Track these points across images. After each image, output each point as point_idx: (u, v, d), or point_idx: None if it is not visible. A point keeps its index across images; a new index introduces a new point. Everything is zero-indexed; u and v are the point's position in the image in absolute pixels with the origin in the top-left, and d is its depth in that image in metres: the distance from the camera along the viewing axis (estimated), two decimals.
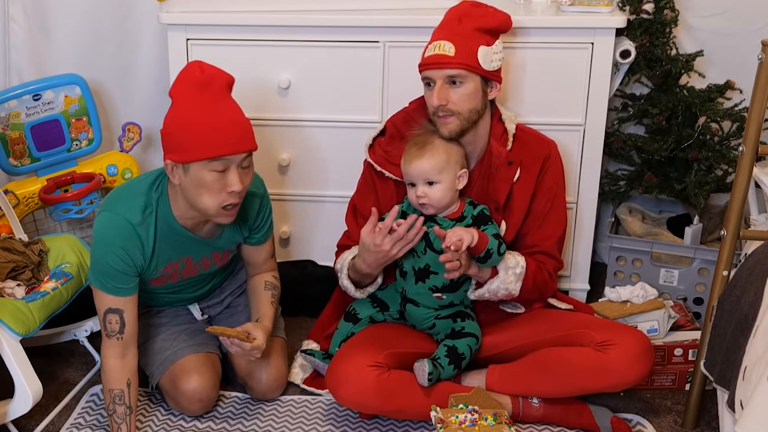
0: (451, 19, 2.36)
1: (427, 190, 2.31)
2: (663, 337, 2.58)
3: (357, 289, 2.48)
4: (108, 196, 2.31)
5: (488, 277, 2.36)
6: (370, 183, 2.48)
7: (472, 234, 2.25)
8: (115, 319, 2.23)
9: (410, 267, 2.39)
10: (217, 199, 2.13)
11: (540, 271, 2.41)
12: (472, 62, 2.28)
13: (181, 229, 2.27)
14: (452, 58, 2.27)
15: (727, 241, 2.23)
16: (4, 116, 2.75)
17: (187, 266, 2.37)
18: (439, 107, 2.30)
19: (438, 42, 2.31)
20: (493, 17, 2.36)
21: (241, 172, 2.14)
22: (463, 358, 2.36)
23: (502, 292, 2.37)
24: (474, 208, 2.37)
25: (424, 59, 2.33)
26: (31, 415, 2.38)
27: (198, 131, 2.07)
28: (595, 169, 2.79)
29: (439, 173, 2.30)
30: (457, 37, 2.29)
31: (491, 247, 2.28)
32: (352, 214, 2.54)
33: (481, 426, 2.19)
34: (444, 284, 2.38)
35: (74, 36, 3.03)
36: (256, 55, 2.74)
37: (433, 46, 2.31)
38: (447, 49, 2.28)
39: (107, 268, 2.21)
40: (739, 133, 2.82)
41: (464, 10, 2.36)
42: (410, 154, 2.33)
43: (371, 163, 2.46)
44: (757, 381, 1.73)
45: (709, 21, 2.95)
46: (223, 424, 2.42)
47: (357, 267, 2.41)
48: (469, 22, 2.32)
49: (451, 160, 2.32)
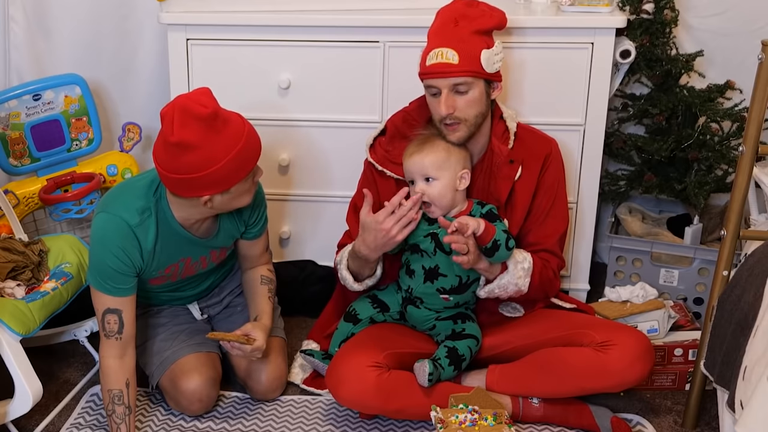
0: (447, 22, 2.32)
1: (425, 187, 2.31)
2: (663, 337, 2.58)
3: (356, 282, 2.47)
4: (104, 197, 2.31)
5: (498, 273, 2.35)
6: (371, 182, 2.48)
7: (478, 222, 2.25)
8: (114, 319, 2.23)
9: (419, 266, 2.39)
10: (250, 193, 2.26)
11: (545, 269, 2.41)
12: (477, 68, 2.27)
13: (182, 230, 2.27)
14: (456, 66, 2.25)
15: (727, 241, 2.23)
16: (4, 116, 2.75)
17: (186, 266, 2.37)
18: (447, 116, 2.29)
19: (439, 50, 2.27)
20: (490, 17, 2.34)
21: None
22: (463, 359, 2.36)
23: (512, 288, 2.36)
24: (482, 207, 2.37)
25: (427, 68, 2.30)
26: (31, 415, 2.38)
27: (232, 162, 2.12)
28: (595, 169, 2.79)
29: (437, 170, 2.30)
30: (458, 43, 2.26)
31: (498, 238, 2.27)
32: (353, 213, 2.53)
33: (481, 426, 2.19)
34: (453, 286, 2.38)
35: (74, 36, 3.03)
36: (256, 55, 2.74)
37: (434, 54, 2.28)
38: (450, 57, 2.25)
39: (105, 269, 2.21)
40: (739, 133, 2.82)
41: (459, 11, 2.33)
42: (410, 150, 2.34)
43: (372, 162, 2.46)
44: (757, 381, 1.73)
45: (709, 21, 2.95)
46: (223, 424, 2.42)
47: (356, 249, 2.38)
48: (467, 25, 2.30)
49: (451, 158, 2.31)
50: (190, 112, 2.06)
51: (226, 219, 2.36)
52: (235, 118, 2.16)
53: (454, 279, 2.37)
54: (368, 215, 2.31)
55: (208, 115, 2.06)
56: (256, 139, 2.21)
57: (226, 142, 2.10)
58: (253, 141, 2.19)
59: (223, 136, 2.10)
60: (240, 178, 2.16)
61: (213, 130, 2.08)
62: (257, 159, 2.21)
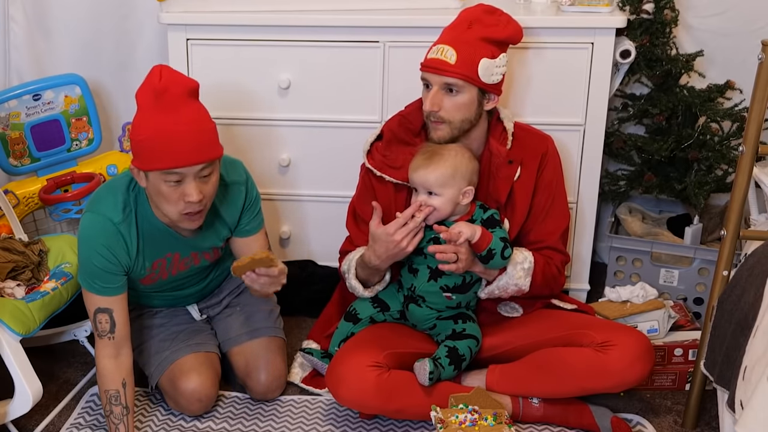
0: (461, 22, 2.33)
1: (427, 199, 2.31)
2: (663, 337, 2.58)
3: (365, 289, 2.47)
4: (91, 197, 2.31)
5: (496, 275, 2.36)
6: (369, 187, 2.47)
7: (474, 229, 2.25)
8: (105, 318, 2.23)
9: (424, 266, 2.38)
10: (176, 207, 2.13)
11: (548, 266, 2.41)
12: (471, 73, 2.26)
13: (163, 225, 2.26)
14: (451, 66, 2.26)
15: (727, 241, 2.23)
16: (4, 116, 2.75)
17: (175, 262, 2.35)
18: (431, 113, 2.30)
19: (441, 46, 2.29)
20: (504, 28, 2.33)
21: (199, 182, 2.11)
22: (463, 359, 2.36)
23: (512, 288, 2.36)
24: (484, 212, 2.36)
25: (426, 60, 2.32)
26: (31, 415, 2.38)
27: (152, 142, 2.05)
28: (595, 169, 2.79)
29: (441, 187, 2.29)
30: (461, 45, 2.27)
31: (494, 247, 2.28)
32: (352, 219, 2.53)
33: (481, 426, 2.19)
34: (456, 284, 2.38)
35: (74, 36, 3.03)
36: (256, 55, 2.74)
37: (436, 49, 2.29)
38: (449, 55, 2.26)
39: (93, 269, 2.21)
40: (739, 133, 2.82)
41: (476, 16, 2.33)
42: (417, 162, 2.32)
43: (370, 168, 2.46)
44: (757, 381, 1.73)
45: (709, 21, 2.95)
46: (223, 424, 2.42)
47: (366, 260, 2.37)
48: (478, 30, 2.29)
49: (456, 175, 2.29)
50: (149, 78, 2.09)
51: (209, 221, 2.30)
52: (190, 115, 2.08)
53: (458, 277, 2.37)
54: (378, 227, 2.31)
55: (157, 88, 2.05)
56: (197, 141, 2.07)
57: (156, 120, 2.05)
58: (192, 140, 2.06)
59: (158, 115, 2.05)
60: (153, 166, 2.06)
61: (155, 104, 2.06)
62: (185, 163, 2.05)
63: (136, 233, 2.24)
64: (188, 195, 2.10)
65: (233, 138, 2.80)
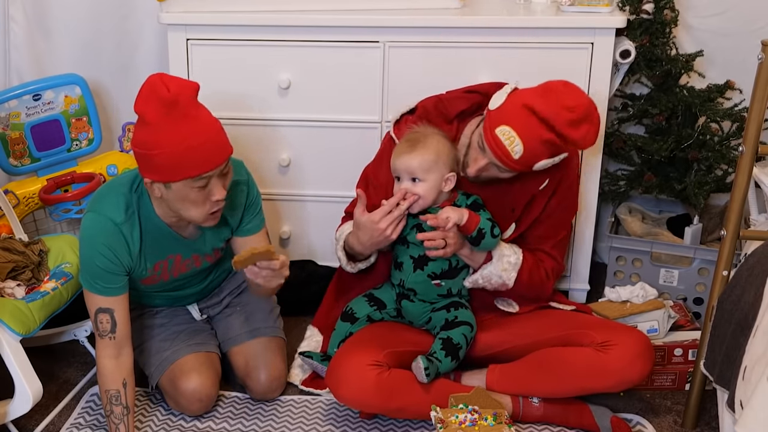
0: (535, 114, 2.18)
1: (411, 186, 2.31)
2: (663, 337, 2.58)
3: (348, 262, 2.47)
4: (92, 197, 2.31)
5: (482, 262, 2.37)
6: (387, 156, 2.45)
7: (461, 213, 2.26)
8: (106, 318, 2.23)
9: (407, 257, 2.39)
10: (203, 209, 2.15)
11: (537, 267, 2.41)
12: (525, 169, 2.24)
13: (166, 227, 2.26)
14: (512, 162, 2.21)
15: (727, 241, 2.23)
16: (4, 116, 2.75)
17: (177, 264, 2.36)
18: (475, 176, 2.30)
19: (512, 135, 2.18)
20: (575, 130, 2.20)
21: (222, 180, 2.14)
22: (459, 347, 2.36)
23: (495, 280, 2.37)
24: (467, 198, 2.37)
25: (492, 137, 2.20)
26: (31, 415, 2.38)
27: (177, 154, 2.04)
28: (595, 169, 2.79)
29: (425, 172, 2.30)
30: (531, 142, 2.18)
31: (483, 227, 2.29)
32: (363, 181, 2.52)
33: (481, 426, 2.19)
34: (443, 270, 2.39)
35: (74, 36, 3.03)
36: (256, 55, 2.74)
37: (506, 135, 2.18)
38: (516, 151, 2.19)
39: (94, 269, 2.21)
40: (739, 133, 2.82)
41: (555, 111, 2.17)
42: (400, 149, 2.33)
43: (394, 138, 2.44)
44: (757, 381, 1.73)
45: (709, 21, 2.95)
46: (223, 424, 2.42)
47: (350, 245, 2.40)
48: (553, 126, 2.17)
49: (440, 161, 2.31)
50: (153, 90, 2.05)
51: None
52: (203, 119, 2.09)
53: (444, 263, 2.38)
54: (363, 214, 2.32)
55: (168, 100, 2.03)
56: (216, 143, 2.10)
57: (177, 132, 2.04)
58: (213, 143, 2.09)
59: (177, 126, 2.04)
60: (181, 176, 2.07)
61: (169, 116, 2.04)
62: (212, 167, 2.08)
63: (139, 235, 2.24)
64: (215, 194, 2.12)
65: (233, 138, 2.75)
